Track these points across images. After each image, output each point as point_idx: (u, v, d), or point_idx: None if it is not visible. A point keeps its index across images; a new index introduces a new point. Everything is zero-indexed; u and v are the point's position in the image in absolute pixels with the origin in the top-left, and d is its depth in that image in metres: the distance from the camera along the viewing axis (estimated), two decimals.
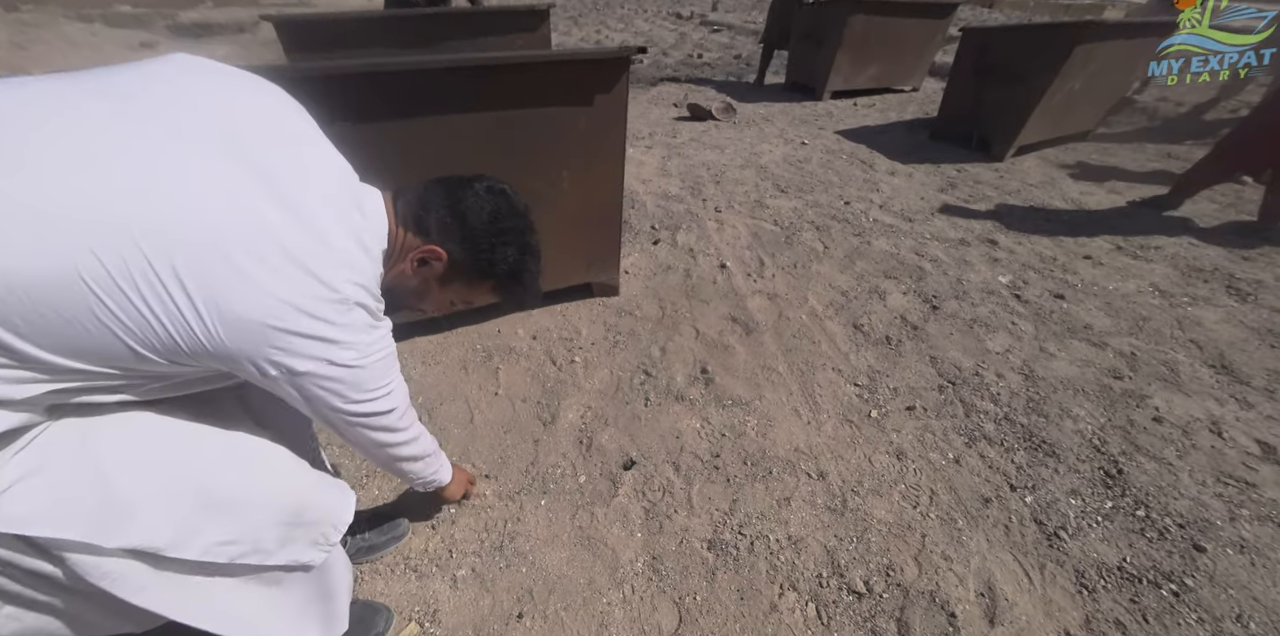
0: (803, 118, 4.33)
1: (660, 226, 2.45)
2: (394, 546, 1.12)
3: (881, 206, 2.73)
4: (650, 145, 3.56)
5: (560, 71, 1.40)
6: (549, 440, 1.38)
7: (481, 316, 1.81)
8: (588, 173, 1.59)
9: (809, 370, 1.63)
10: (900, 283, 2.09)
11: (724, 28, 10.33)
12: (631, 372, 1.61)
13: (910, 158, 3.44)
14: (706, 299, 1.96)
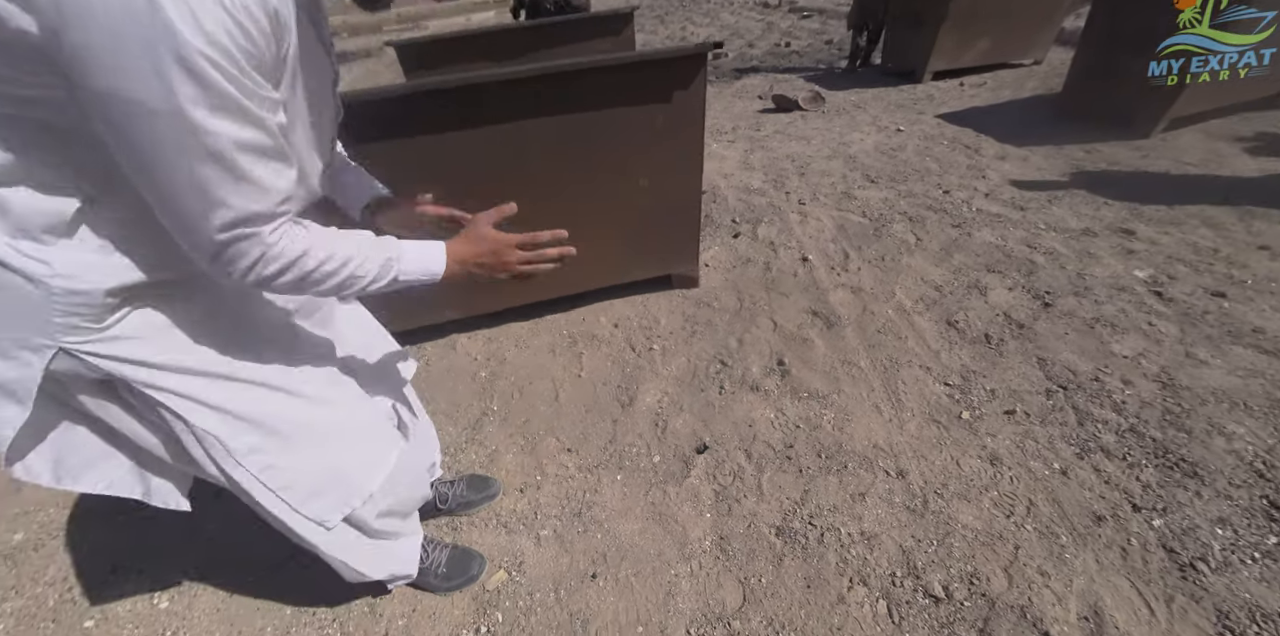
0: (899, 103, 4.05)
1: (741, 220, 2.45)
2: (486, 504, 1.26)
3: (987, 194, 2.50)
4: (733, 139, 3.54)
5: (637, 72, 1.47)
6: (626, 421, 1.46)
7: (569, 305, 1.94)
8: (666, 168, 1.65)
9: (893, 366, 1.57)
10: (1005, 277, 1.92)
11: (814, 13, 9.86)
12: (708, 362, 1.65)
13: (1026, 139, 3.09)
14: (786, 292, 1.94)
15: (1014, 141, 3.08)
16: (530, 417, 1.52)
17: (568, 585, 1.09)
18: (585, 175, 1.60)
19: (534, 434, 1.46)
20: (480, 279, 0.75)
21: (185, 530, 1.25)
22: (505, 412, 1.55)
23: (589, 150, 1.56)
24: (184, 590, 1.17)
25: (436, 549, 1.10)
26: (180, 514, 0.81)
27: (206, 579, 1.18)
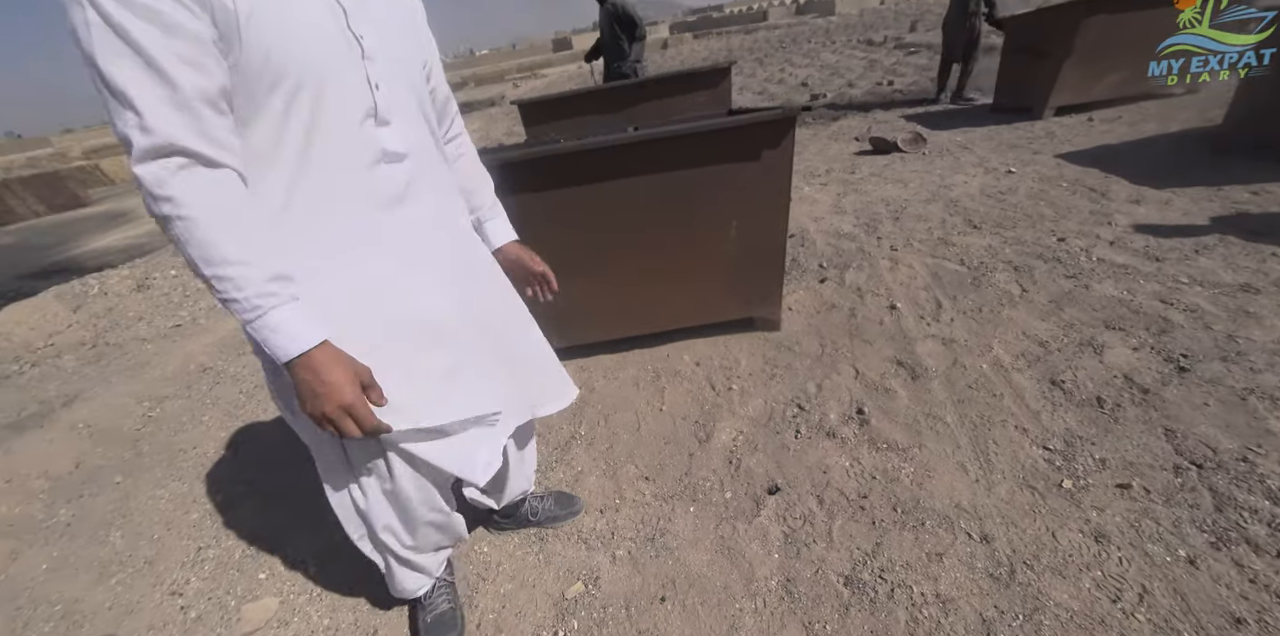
0: (1012, 142, 3.84)
1: (829, 264, 2.48)
2: (570, 519, 1.40)
3: (1113, 243, 2.30)
4: (825, 182, 3.58)
5: (731, 136, 1.63)
6: (702, 455, 1.55)
7: (654, 341, 2.10)
8: (753, 216, 1.77)
9: (984, 425, 1.51)
10: (1129, 336, 1.75)
11: (921, 49, 9.62)
12: (785, 405, 1.70)
13: (1169, 180, 2.79)
14: (870, 339, 1.94)
15: (1153, 182, 2.80)
16: (613, 444, 1.66)
17: (638, 604, 1.19)
18: (679, 223, 1.77)
19: (616, 460, 1.60)
20: (303, 394, 0.65)
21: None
22: (591, 437, 1.71)
23: (684, 202, 1.73)
24: (325, 564, 1.43)
25: (439, 595, 1.17)
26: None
27: (332, 561, 1.43)
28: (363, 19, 0.70)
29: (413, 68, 0.80)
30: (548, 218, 1.71)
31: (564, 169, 1.65)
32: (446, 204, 0.90)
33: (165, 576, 1.48)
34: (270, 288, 0.62)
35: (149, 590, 1.44)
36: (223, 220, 0.59)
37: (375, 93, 0.70)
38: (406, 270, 0.80)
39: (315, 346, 0.64)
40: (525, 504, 1.37)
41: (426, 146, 0.83)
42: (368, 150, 0.72)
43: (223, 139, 0.60)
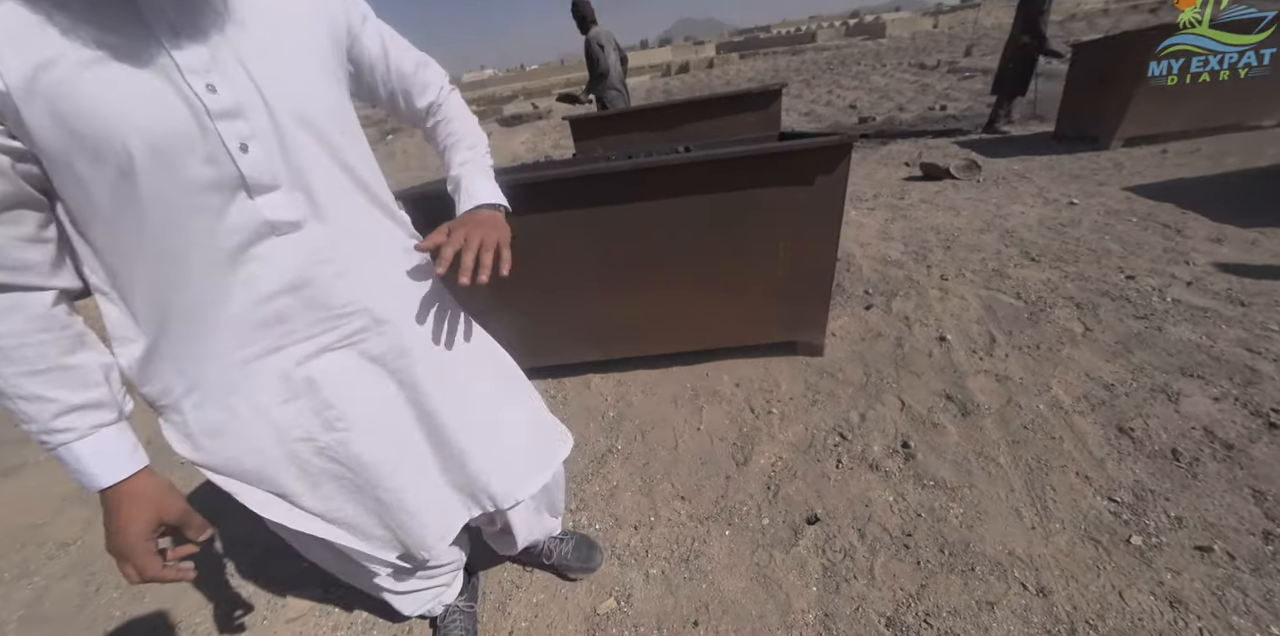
0: (1074, 172, 3.70)
1: (874, 291, 2.43)
2: (584, 575, 1.30)
3: (1190, 283, 2.17)
4: (873, 207, 3.53)
5: (785, 160, 1.64)
6: (739, 479, 1.54)
7: (694, 359, 2.10)
8: (803, 240, 1.76)
9: (1040, 469, 1.43)
10: (1210, 385, 1.64)
11: (977, 73, 9.42)
12: (826, 433, 1.66)
13: (1256, 219, 2.61)
14: (918, 371, 1.88)
15: (1237, 221, 2.62)
16: (650, 461, 1.67)
17: (671, 627, 1.18)
18: (728, 243, 1.79)
19: (652, 477, 1.60)
20: (108, 531, 0.61)
21: None
22: (628, 452, 1.72)
23: (735, 222, 1.74)
24: None
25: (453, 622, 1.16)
26: None
27: None
28: (217, 62, 0.55)
29: (322, 94, 0.64)
30: (600, 232, 1.76)
31: (619, 186, 1.69)
32: (390, 267, 0.75)
33: (218, 558, 1.56)
34: (62, 423, 0.56)
35: (204, 569, 1.52)
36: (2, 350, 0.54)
37: (239, 158, 0.56)
38: (309, 407, 0.70)
39: (108, 486, 0.59)
40: (544, 543, 1.29)
41: (350, 196, 0.69)
42: (236, 231, 0.58)
43: (1, 256, 0.53)
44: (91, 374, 0.59)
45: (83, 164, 0.51)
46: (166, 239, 0.56)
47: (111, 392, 0.61)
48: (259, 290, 0.62)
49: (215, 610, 1.39)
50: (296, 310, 0.64)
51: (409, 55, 0.79)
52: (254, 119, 0.57)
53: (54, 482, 2.00)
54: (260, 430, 0.68)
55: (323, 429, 0.71)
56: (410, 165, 8.84)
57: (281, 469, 0.72)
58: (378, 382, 0.74)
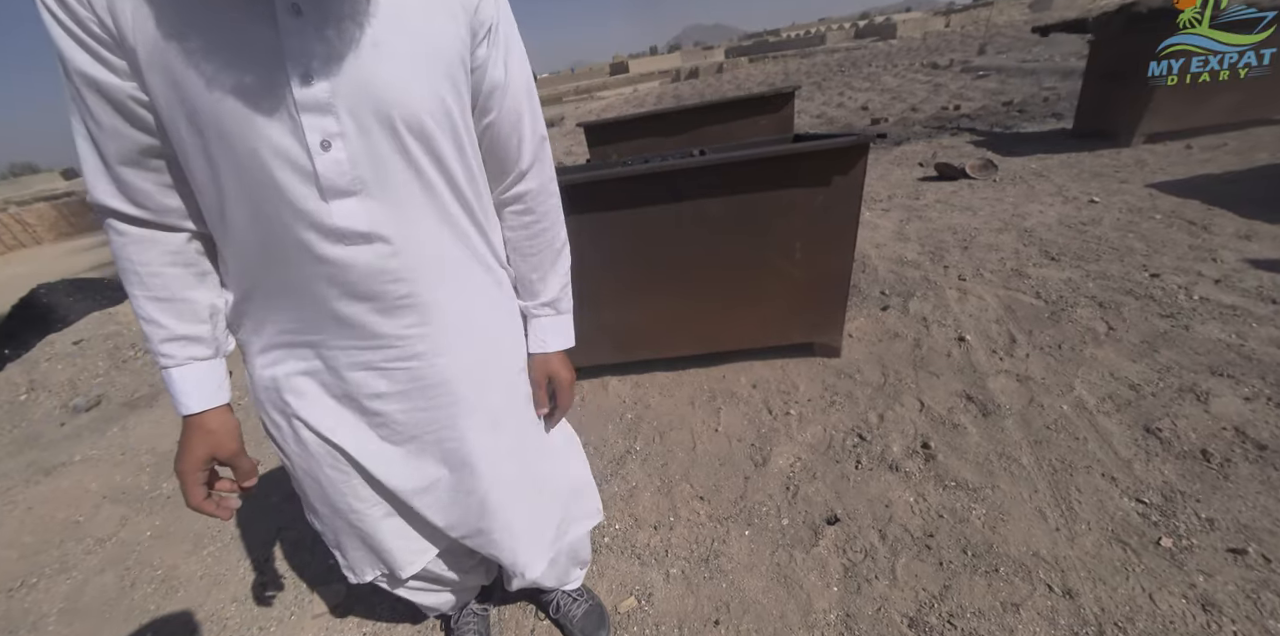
0: (1095, 170, 3.64)
1: (891, 292, 2.42)
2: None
3: (1219, 281, 2.13)
4: (888, 208, 3.51)
5: (803, 161, 1.65)
6: (758, 479, 1.54)
7: (711, 361, 2.11)
8: (820, 241, 1.77)
9: (1065, 469, 1.41)
10: (1240, 384, 1.61)
11: (991, 72, 9.33)
12: (845, 434, 1.66)
13: None
14: (937, 372, 1.87)
15: (1268, 216, 2.56)
16: (668, 462, 1.68)
17: (691, 626, 1.18)
18: (745, 244, 1.80)
19: (670, 477, 1.61)
20: (177, 453, 0.67)
21: None
22: (646, 454, 1.73)
23: (752, 223, 1.75)
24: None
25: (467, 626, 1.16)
26: None
27: None
28: (329, 52, 0.51)
29: (428, 107, 0.57)
30: (617, 235, 1.78)
31: (637, 189, 1.71)
32: (466, 304, 0.70)
33: (248, 553, 1.60)
34: (166, 349, 0.63)
35: (235, 564, 1.56)
36: (133, 277, 0.61)
37: (317, 155, 0.53)
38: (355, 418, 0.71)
39: (186, 414, 0.65)
40: (557, 595, 1.21)
41: (443, 221, 0.64)
42: (306, 228, 0.57)
43: (147, 198, 0.58)
44: (201, 310, 0.64)
45: (184, 130, 0.53)
46: (248, 217, 0.57)
47: (214, 331, 0.66)
48: (323, 289, 0.61)
49: (245, 604, 1.43)
50: (357, 317, 0.63)
51: (515, 119, 0.68)
52: (347, 118, 0.53)
53: (92, 480, 2.07)
54: (305, 414, 0.70)
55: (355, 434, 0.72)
56: None
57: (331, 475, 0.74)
58: (414, 415, 0.72)
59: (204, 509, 0.66)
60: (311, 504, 0.80)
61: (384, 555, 0.83)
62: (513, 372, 0.81)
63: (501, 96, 0.65)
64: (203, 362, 0.66)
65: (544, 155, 0.74)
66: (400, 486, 0.75)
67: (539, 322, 0.82)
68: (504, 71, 0.64)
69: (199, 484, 0.67)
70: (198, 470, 0.66)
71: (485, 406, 0.76)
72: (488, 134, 0.68)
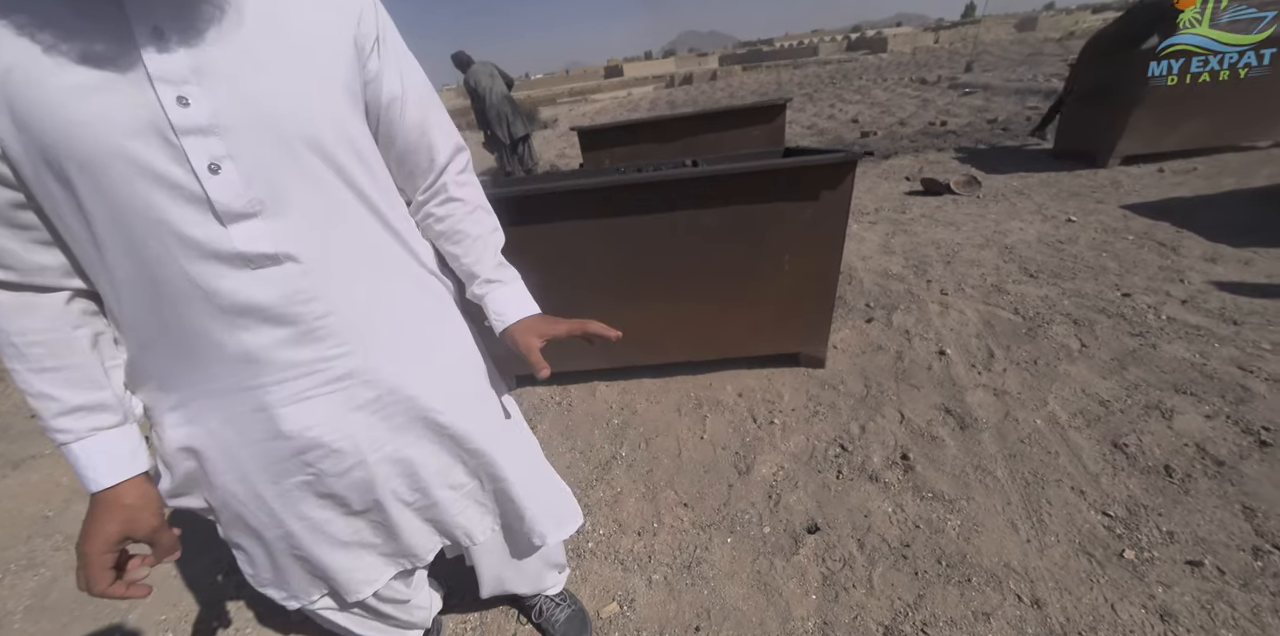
0: (1073, 190, 3.76)
1: (875, 305, 2.47)
2: None
3: (1185, 302, 2.22)
4: (875, 221, 3.58)
5: (792, 176, 1.69)
6: (741, 487, 1.56)
7: (697, 369, 2.13)
8: (807, 253, 1.80)
9: (1037, 483, 1.46)
10: (1202, 402, 1.68)
11: (977, 89, 9.57)
12: (827, 444, 1.69)
13: (1251, 239, 2.66)
14: (917, 384, 1.92)
15: (1232, 240, 2.67)
16: (653, 468, 1.69)
17: (673, 632, 1.20)
18: (734, 255, 1.83)
19: (655, 484, 1.63)
20: (80, 534, 0.59)
21: None
22: (632, 459, 1.74)
23: (741, 235, 1.78)
24: None
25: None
26: None
27: None
28: (201, 72, 0.49)
29: (333, 114, 0.57)
30: (612, 242, 1.80)
31: (632, 197, 1.74)
32: (395, 308, 0.68)
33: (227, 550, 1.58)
34: (62, 424, 0.57)
35: (210, 565, 1.54)
36: (9, 349, 0.55)
37: (206, 179, 0.50)
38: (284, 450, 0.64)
39: (98, 490, 0.58)
40: (539, 600, 1.20)
41: (355, 230, 0.62)
42: (204, 260, 0.53)
43: (12, 258, 0.52)
44: (96, 374, 0.58)
45: (46, 175, 0.48)
46: (134, 258, 0.52)
47: (116, 396, 0.59)
48: (231, 324, 0.56)
49: (210, 613, 1.41)
50: (273, 350, 0.58)
51: (422, 125, 0.67)
52: (233, 138, 0.50)
53: (62, 474, 2.02)
54: (229, 467, 0.64)
55: (288, 475, 0.66)
56: None
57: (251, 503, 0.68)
58: (361, 433, 0.67)
59: (112, 594, 0.58)
60: (238, 540, 0.73)
61: (331, 579, 0.76)
62: (463, 378, 0.78)
63: (401, 107, 0.64)
64: (109, 432, 0.58)
65: (459, 157, 0.74)
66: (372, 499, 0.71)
67: (490, 299, 0.78)
68: (399, 81, 0.63)
69: (106, 568, 0.58)
70: (107, 552, 0.58)
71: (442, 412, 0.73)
72: (396, 145, 0.67)
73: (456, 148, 0.73)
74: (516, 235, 1.87)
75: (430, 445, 0.74)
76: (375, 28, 0.60)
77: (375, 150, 0.65)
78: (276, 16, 0.53)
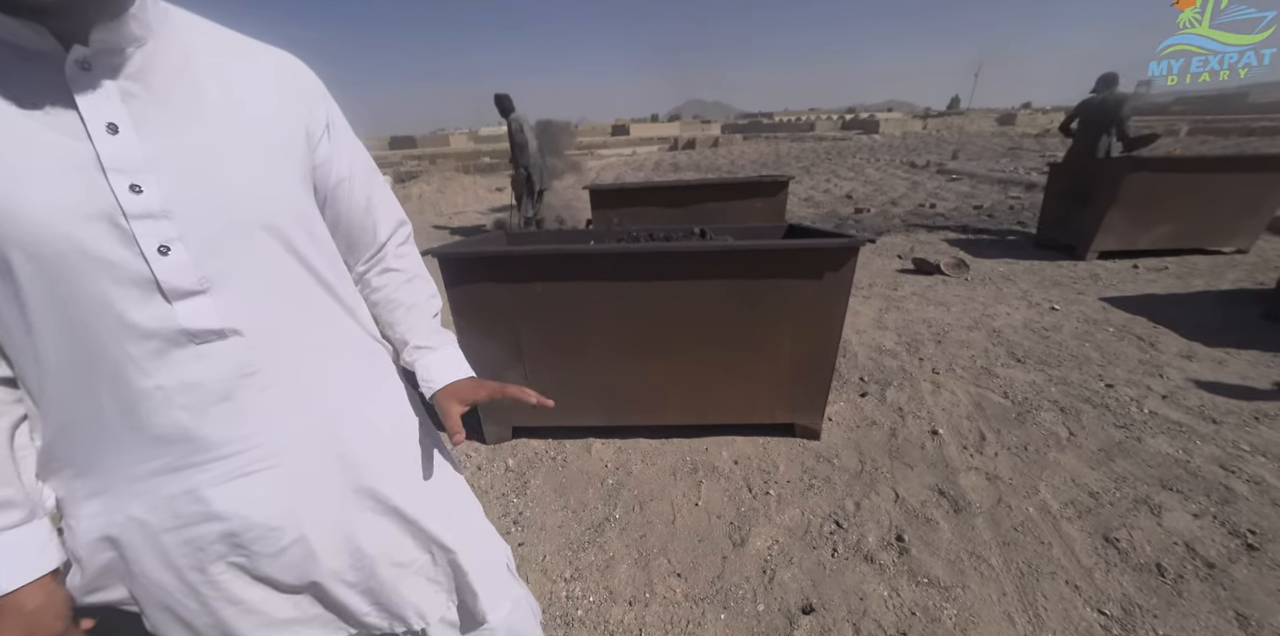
0: (1055, 279, 3.99)
1: (869, 379, 2.54)
2: None
3: (1165, 397, 2.31)
4: (868, 296, 3.74)
5: (799, 255, 1.81)
6: (736, 560, 1.54)
7: (694, 432, 2.15)
8: (808, 327, 1.89)
9: (1032, 574, 1.47)
10: (1189, 500, 1.72)
11: (963, 177, 10.30)
12: (822, 519, 1.69)
13: (1222, 339, 2.82)
14: (911, 463, 1.95)
15: (1205, 339, 2.83)
16: (647, 533, 1.67)
17: None
18: (739, 326, 1.91)
19: (648, 550, 1.60)
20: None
21: None
22: (625, 523, 1.72)
23: (747, 306, 1.88)
24: None
25: None
26: None
27: None
28: (154, 160, 0.50)
29: (284, 195, 0.59)
30: (622, 303, 1.89)
31: (647, 264, 1.84)
32: (339, 378, 0.68)
33: None
34: None
35: None
36: None
37: (155, 260, 0.51)
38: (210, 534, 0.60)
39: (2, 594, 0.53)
40: None
41: (302, 305, 0.63)
42: (145, 337, 0.52)
43: None
44: (4, 469, 0.54)
45: None
46: (69, 341, 0.51)
47: (24, 489, 0.55)
48: (167, 402, 0.54)
49: None
50: (210, 426, 0.57)
51: (368, 201, 0.71)
52: (186, 221, 0.51)
53: None
54: (153, 555, 0.60)
55: (218, 559, 0.62)
56: (425, 210, 9.22)
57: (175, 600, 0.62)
58: (300, 508, 0.64)
59: None
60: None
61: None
62: (405, 447, 0.76)
63: (349, 187, 0.68)
64: (13, 531, 0.54)
65: (401, 230, 0.78)
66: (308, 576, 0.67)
67: (421, 364, 0.78)
68: (348, 164, 0.67)
69: None
70: None
71: (386, 483, 0.71)
72: (342, 222, 0.69)
73: (399, 222, 0.77)
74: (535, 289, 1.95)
75: (375, 517, 0.70)
76: (326, 115, 0.64)
77: (324, 226, 0.67)
78: (235, 104, 0.55)
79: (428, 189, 9.78)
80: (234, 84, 0.56)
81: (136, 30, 0.49)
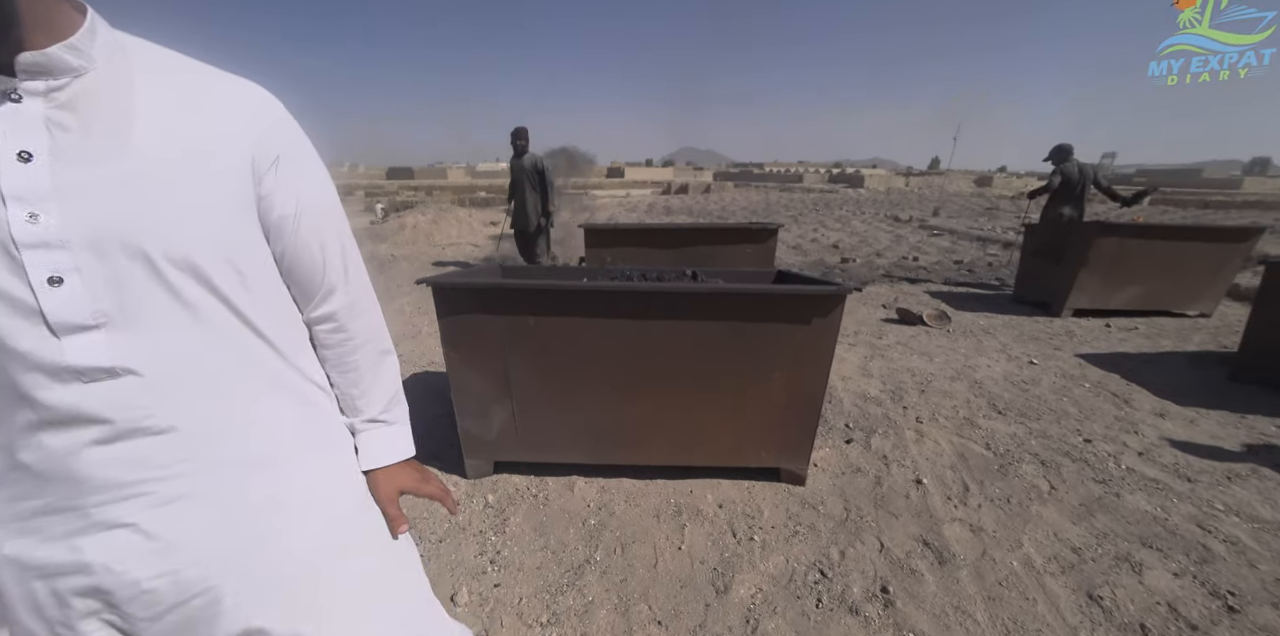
0: (1033, 334, 4.13)
1: (855, 426, 2.57)
2: None
3: (1141, 454, 2.36)
4: (854, 343, 3.82)
5: (789, 301, 1.88)
6: (719, 609, 1.50)
7: (679, 474, 2.13)
8: (795, 373, 1.93)
9: (1018, 631, 1.44)
10: (1169, 559, 1.72)
11: (945, 232, 10.78)
12: (807, 568, 1.66)
13: (1192, 399, 2.92)
14: (895, 512, 1.94)
15: (1176, 398, 2.93)
16: (628, 577, 1.62)
17: None
18: (728, 368, 1.94)
19: (629, 595, 1.55)
20: None
21: None
22: (606, 565, 1.67)
23: (736, 350, 1.92)
24: None
25: None
26: None
27: None
28: (59, 189, 0.49)
29: (190, 237, 0.54)
30: (613, 341, 1.92)
31: (640, 303, 1.89)
32: (259, 430, 0.61)
33: None
34: None
35: None
36: None
37: (43, 291, 0.49)
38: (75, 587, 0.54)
39: None
40: None
41: (220, 345, 0.58)
42: (28, 370, 0.50)
43: None
44: None
45: None
46: None
47: None
48: (51, 438, 0.52)
49: None
50: (93, 468, 0.53)
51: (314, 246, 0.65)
52: (83, 252, 0.49)
53: None
54: (24, 601, 0.55)
55: (89, 614, 0.56)
56: (418, 239, 9.33)
57: None
58: (186, 570, 0.56)
59: None
60: None
61: None
62: (337, 499, 0.68)
63: (295, 224, 0.62)
64: None
65: (354, 274, 0.71)
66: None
67: (366, 437, 0.73)
68: (295, 201, 0.62)
69: None
70: None
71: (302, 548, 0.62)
72: (285, 259, 0.64)
73: (348, 262, 0.70)
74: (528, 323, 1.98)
75: (281, 593, 0.60)
76: (278, 146, 0.60)
77: (264, 261, 0.62)
78: (171, 135, 0.53)
79: (422, 219, 9.94)
80: (177, 114, 0.54)
81: (73, 61, 0.48)
